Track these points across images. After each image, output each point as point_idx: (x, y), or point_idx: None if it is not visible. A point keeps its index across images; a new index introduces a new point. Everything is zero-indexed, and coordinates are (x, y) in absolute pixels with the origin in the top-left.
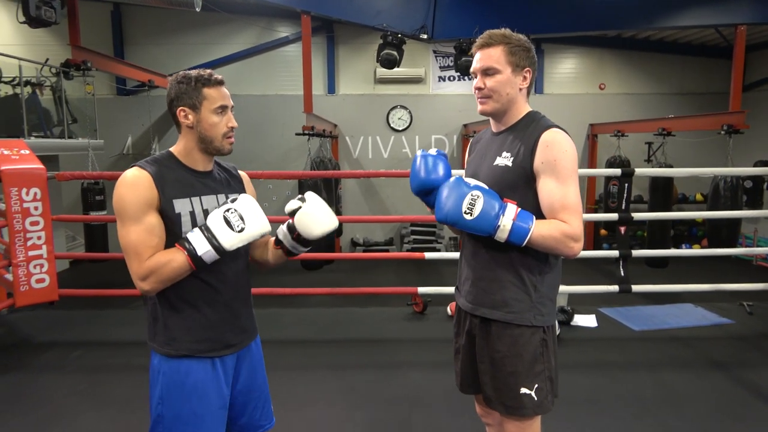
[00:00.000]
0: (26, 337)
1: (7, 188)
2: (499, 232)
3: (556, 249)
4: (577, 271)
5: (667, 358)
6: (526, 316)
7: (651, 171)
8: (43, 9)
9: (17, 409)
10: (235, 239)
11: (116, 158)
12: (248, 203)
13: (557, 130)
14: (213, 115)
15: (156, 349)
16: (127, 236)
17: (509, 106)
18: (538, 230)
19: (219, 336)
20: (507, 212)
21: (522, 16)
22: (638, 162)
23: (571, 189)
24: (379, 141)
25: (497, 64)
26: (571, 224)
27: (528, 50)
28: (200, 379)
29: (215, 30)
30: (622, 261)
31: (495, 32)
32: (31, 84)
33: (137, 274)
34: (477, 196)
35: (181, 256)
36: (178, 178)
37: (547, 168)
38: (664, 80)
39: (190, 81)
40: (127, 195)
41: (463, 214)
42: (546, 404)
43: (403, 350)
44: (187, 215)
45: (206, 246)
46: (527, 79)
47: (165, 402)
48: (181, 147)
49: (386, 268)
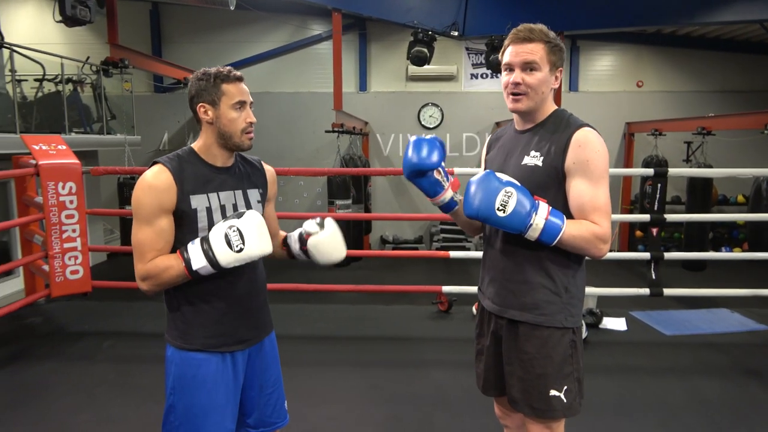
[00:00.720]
0: (61, 327)
1: (45, 182)
2: (530, 230)
3: (585, 249)
4: (610, 273)
5: (698, 365)
6: (557, 318)
7: (686, 171)
8: (79, 8)
9: (50, 396)
10: (232, 258)
11: (153, 154)
12: (252, 222)
13: (589, 129)
14: (232, 111)
15: (170, 341)
16: (136, 235)
17: (540, 105)
18: (569, 230)
19: (231, 331)
20: (540, 211)
21: (556, 12)
22: (676, 162)
23: (602, 190)
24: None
25: (539, 60)
26: (601, 225)
27: (563, 50)
28: (210, 372)
29: (250, 28)
30: (654, 263)
31: (535, 27)
32: (73, 81)
33: (138, 274)
34: (510, 193)
35: (179, 265)
36: (196, 174)
37: (579, 168)
38: (705, 77)
39: (210, 77)
40: (143, 197)
41: (496, 211)
42: (575, 406)
43: (427, 349)
44: (204, 211)
45: (203, 261)
46: (559, 78)
47: (176, 393)
48: (202, 143)
49: (415, 265)
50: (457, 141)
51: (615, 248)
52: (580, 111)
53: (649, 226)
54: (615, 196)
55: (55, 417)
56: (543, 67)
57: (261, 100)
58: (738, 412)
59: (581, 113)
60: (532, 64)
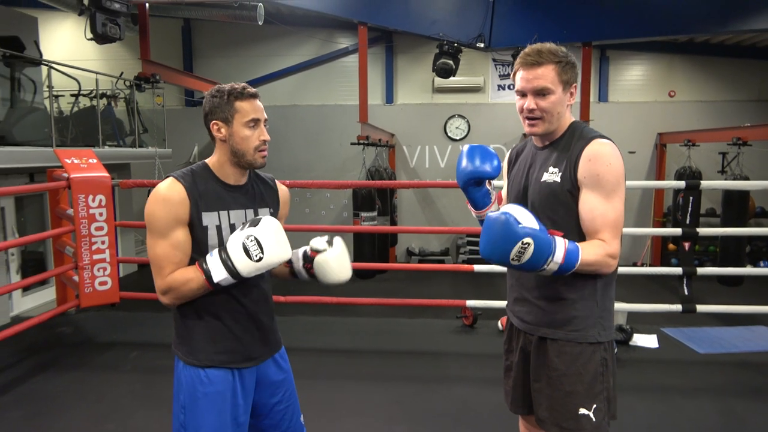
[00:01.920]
0: (89, 337)
1: (76, 195)
2: (543, 272)
3: (597, 270)
4: (641, 287)
5: (734, 385)
6: (590, 333)
7: (719, 183)
8: (109, 26)
9: (77, 405)
10: (252, 267)
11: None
12: (270, 230)
13: (601, 141)
14: (245, 129)
15: (180, 357)
16: (153, 249)
17: (559, 124)
18: (584, 260)
19: (241, 348)
20: (556, 255)
21: (584, 22)
22: (711, 173)
23: (613, 204)
24: (436, 150)
25: (551, 84)
26: (611, 243)
27: (575, 65)
28: (220, 390)
29: (278, 42)
30: (686, 279)
31: (542, 49)
32: (107, 96)
33: (158, 288)
34: (528, 244)
35: (199, 277)
36: (209, 191)
37: (589, 182)
38: (740, 86)
39: (223, 94)
40: (157, 210)
41: (510, 260)
42: (603, 426)
43: (451, 364)
44: (214, 229)
45: (223, 272)
46: (574, 94)
47: (187, 411)
48: (215, 159)
49: (440, 278)
50: None
51: (647, 262)
52: (610, 122)
53: (681, 240)
54: (647, 209)
55: (80, 426)
56: (556, 88)
57: (288, 113)
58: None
59: (611, 124)
60: (544, 90)
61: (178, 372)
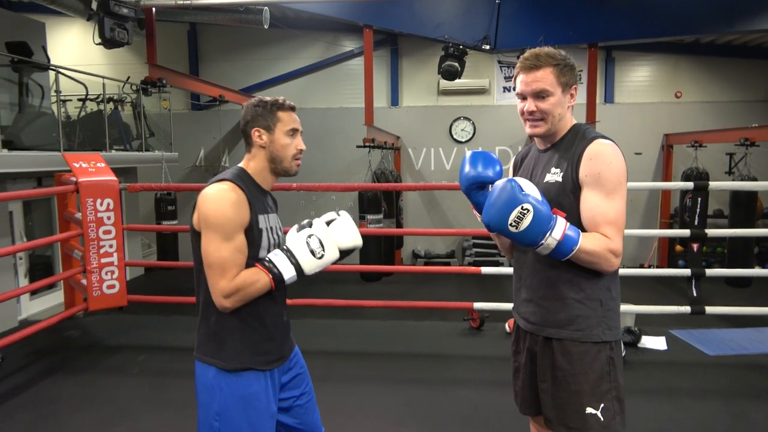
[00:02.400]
0: (97, 340)
1: (84, 199)
2: (541, 248)
3: (597, 264)
4: (648, 289)
5: (744, 387)
6: (594, 332)
7: (727, 184)
8: (117, 31)
9: (85, 408)
10: (315, 264)
11: (189, 170)
12: (325, 229)
13: (602, 141)
14: (285, 137)
15: (212, 363)
16: (218, 252)
17: (559, 125)
18: (582, 247)
19: (277, 348)
20: (555, 231)
21: (589, 23)
22: (718, 174)
23: (615, 203)
24: (441, 153)
25: (550, 86)
26: (613, 239)
27: (574, 67)
28: (257, 392)
29: (283, 46)
30: (695, 280)
31: (540, 53)
32: (114, 101)
33: (222, 291)
34: (527, 210)
35: (265, 278)
36: (255, 195)
37: (590, 181)
38: (747, 87)
39: (266, 105)
40: (228, 212)
41: (509, 226)
42: (613, 426)
43: (458, 366)
44: (267, 231)
45: (292, 271)
46: (574, 96)
47: (222, 417)
48: (253, 166)
49: (447, 280)
50: None
51: (654, 264)
52: (616, 123)
53: (689, 242)
54: (653, 210)
55: (89, 429)
56: (555, 90)
57: None
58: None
59: (617, 125)
60: (543, 92)
61: (210, 379)
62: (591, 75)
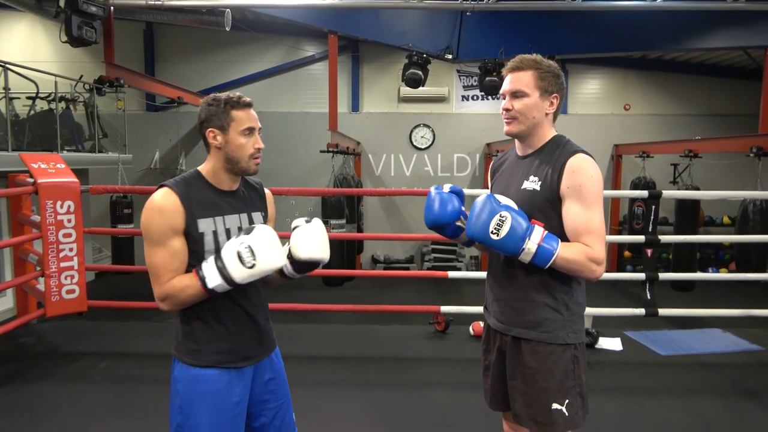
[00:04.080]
0: (54, 347)
1: (43, 201)
2: (523, 254)
3: (579, 272)
4: (602, 294)
5: (696, 385)
6: (560, 335)
7: (679, 193)
8: (85, 29)
9: (48, 417)
10: (245, 274)
11: (144, 172)
12: (263, 238)
13: (584, 155)
14: (240, 137)
15: (179, 358)
16: (150, 257)
17: (534, 130)
18: (562, 254)
19: (239, 347)
20: (533, 235)
21: (548, 36)
22: (663, 183)
23: (595, 214)
24: (401, 159)
25: (526, 87)
26: (594, 248)
27: (557, 76)
28: (218, 389)
29: (243, 48)
30: (649, 284)
31: (527, 57)
32: (66, 100)
33: (156, 295)
34: (505, 217)
35: (195, 284)
36: (203, 198)
37: (572, 193)
38: (691, 101)
39: (220, 103)
40: (154, 219)
41: (490, 234)
42: (577, 419)
43: (427, 369)
44: (210, 234)
45: (218, 279)
46: (554, 104)
47: (184, 411)
48: (210, 167)
49: (407, 286)
50: (449, 161)
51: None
52: (569, 133)
53: (644, 247)
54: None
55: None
56: (531, 92)
57: None
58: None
59: (571, 135)
60: (519, 91)
61: (176, 376)
62: None
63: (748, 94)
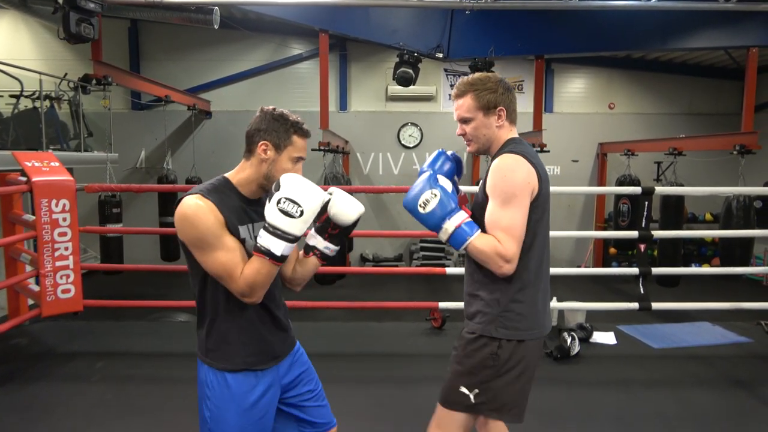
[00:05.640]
0: (49, 348)
1: (38, 199)
2: (441, 232)
3: (488, 264)
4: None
5: (689, 376)
6: (488, 328)
7: (671, 189)
8: (83, 26)
9: (47, 418)
10: (301, 223)
11: (129, 172)
12: (292, 183)
13: (507, 155)
14: (289, 162)
15: (207, 363)
16: (215, 262)
17: (490, 143)
18: (474, 242)
19: (270, 348)
20: (454, 218)
21: (535, 36)
22: (647, 181)
23: (508, 212)
24: (389, 157)
25: (468, 112)
26: (503, 244)
27: (494, 90)
28: (246, 391)
29: (230, 47)
30: (642, 278)
31: (463, 81)
32: (50, 98)
33: (237, 291)
34: (434, 195)
35: (265, 261)
36: (235, 206)
37: (490, 191)
38: (674, 100)
39: (287, 122)
40: (200, 225)
41: (418, 206)
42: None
43: (426, 365)
44: (249, 241)
45: (281, 244)
46: (502, 116)
47: (213, 413)
48: (244, 176)
49: (397, 284)
50: None
51: (590, 265)
52: (554, 131)
53: (637, 243)
54: (590, 215)
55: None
56: (475, 115)
57: (240, 119)
58: (732, 422)
59: (556, 134)
60: (463, 118)
61: (203, 377)
62: (538, 85)
63: (728, 93)
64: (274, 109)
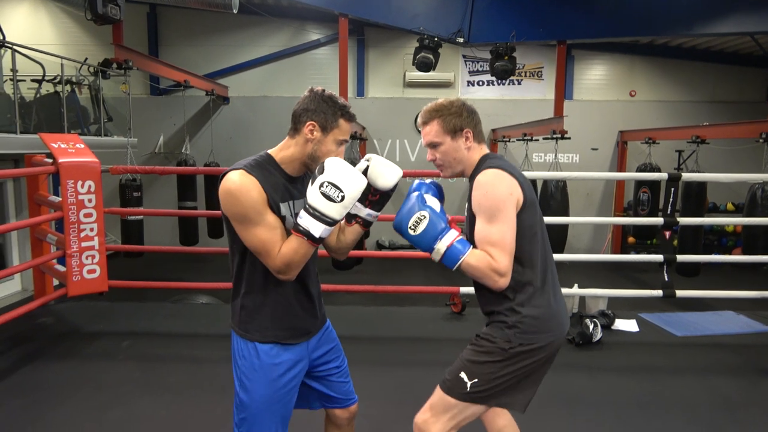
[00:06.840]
0: (75, 327)
1: (64, 180)
2: (434, 253)
3: (483, 280)
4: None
5: (714, 364)
6: (506, 333)
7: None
8: (110, 6)
9: (75, 394)
10: (341, 208)
11: (148, 156)
12: (336, 168)
13: (485, 171)
14: (333, 144)
15: (241, 334)
16: (254, 238)
17: (462, 165)
18: (467, 260)
19: (302, 324)
20: (445, 239)
21: (558, 21)
22: (668, 169)
23: (495, 227)
24: (407, 144)
25: (436, 137)
26: (497, 260)
27: (459, 114)
28: (277, 363)
29: (247, 32)
30: (666, 266)
31: (428, 108)
32: (71, 83)
33: (274, 269)
34: (423, 217)
35: (303, 241)
36: (277, 183)
37: (476, 209)
38: (696, 88)
39: (335, 105)
40: (244, 200)
41: (408, 229)
42: (473, 398)
43: (447, 349)
44: (289, 218)
45: (320, 226)
46: (469, 137)
47: (243, 383)
48: (288, 154)
49: (413, 270)
50: None
51: (609, 252)
52: (573, 119)
53: (661, 229)
54: (608, 203)
55: (84, 414)
56: (443, 140)
57: (258, 104)
58: (762, 410)
59: (575, 121)
60: (432, 143)
61: (236, 347)
62: (559, 71)
63: (753, 81)
64: (323, 90)
